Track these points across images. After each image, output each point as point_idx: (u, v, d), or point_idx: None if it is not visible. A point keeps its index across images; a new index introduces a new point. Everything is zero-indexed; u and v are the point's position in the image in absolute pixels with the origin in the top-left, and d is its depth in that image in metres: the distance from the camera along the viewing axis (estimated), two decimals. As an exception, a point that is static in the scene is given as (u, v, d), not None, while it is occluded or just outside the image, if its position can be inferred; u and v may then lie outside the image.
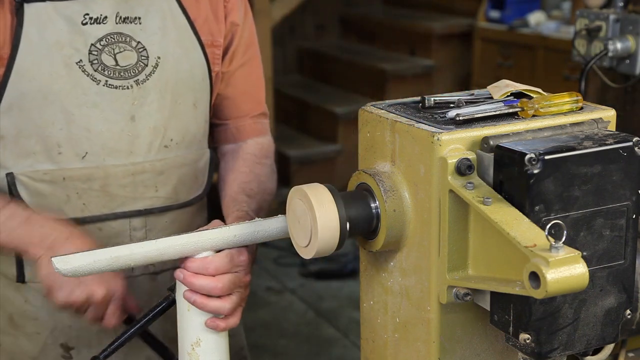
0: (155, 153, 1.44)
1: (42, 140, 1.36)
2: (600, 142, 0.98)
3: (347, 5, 6.22)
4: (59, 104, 1.35)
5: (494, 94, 1.14)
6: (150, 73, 1.41)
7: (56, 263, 1.16)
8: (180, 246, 1.19)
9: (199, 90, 1.49)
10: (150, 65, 1.41)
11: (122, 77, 1.39)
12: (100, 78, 1.37)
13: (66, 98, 1.35)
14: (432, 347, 1.08)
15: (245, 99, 1.61)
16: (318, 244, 1.08)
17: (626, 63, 1.98)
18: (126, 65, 1.39)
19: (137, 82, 1.40)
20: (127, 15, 1.39)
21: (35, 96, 1.34)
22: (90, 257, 1.17)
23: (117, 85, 1.38)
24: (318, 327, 3.88)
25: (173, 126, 1.45)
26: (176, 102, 1.45)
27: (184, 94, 1.46)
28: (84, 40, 1.36)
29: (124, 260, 1.18)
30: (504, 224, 0.92)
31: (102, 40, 1.37)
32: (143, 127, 1.41)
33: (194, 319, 1.22)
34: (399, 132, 1.08)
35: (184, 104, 1.46)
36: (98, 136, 1.38)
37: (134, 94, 1.39)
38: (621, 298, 1.02)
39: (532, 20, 4.59)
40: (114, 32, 1.38)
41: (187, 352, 1.24)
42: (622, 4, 2.01)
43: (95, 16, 1.37)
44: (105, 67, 1.37)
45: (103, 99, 1.37)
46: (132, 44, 1.40)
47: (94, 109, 1.37)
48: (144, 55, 1.40)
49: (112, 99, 1.38)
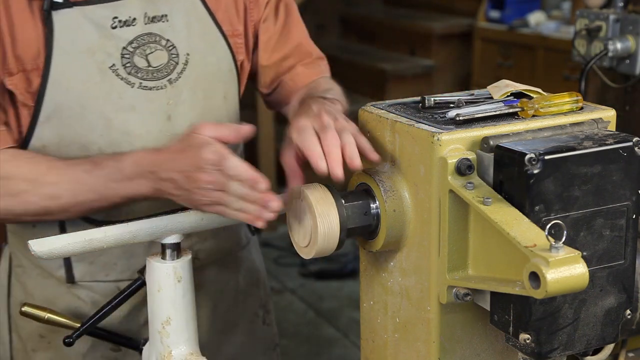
0: None
1: (84, 147, 1.35)
2: (600, 142, 0.98)
3: (347, 5, 6.22)
4: (97, 111, 1.34)
5: (494, 94, 1.14)
6: (181, 71, 1.40)
7: (32, 245, 1.18)
8: (151, 229, 1.23)
9: (227, 82, 1.48)
10: (180, 63, 1.40)
11: (155, 78, 1.38)
12: (134, 81, 1.36)
13: (103, 104, 1.34)
14: (432, 347, 1.08)
15: (293, 53, 1.59)
16: (318, 244, 1.08)
17: (626, 63, 1.98)
18: (158, 65, 1.38)
19: (170, 81, 1.39)
20: (155, 15, 1.38)
21: (72, 105, 1.33)
22: (65, 239, 1.20)
23: (151, 86, 1.37)
24: (318, 327, 3.88)
25: (207, 121, 1.45)
26: (207, 97, 1.45)
27: (214, 88, 1.46)
28: (115, 44, 1.35)
29: (97, 243, 1.21)
30: (504, 224, 0.92)
31: (133, 43, 1.36)
32: (179, 125, 1.41)
33: (165, 298, 1.25)
34: (399, 132, 1.08)
35: (215, 98, 1.46)
36: (138, 139, 1.37)
37: (168, 93, 1.39)
38: (621, 298, 1.02)
39: (532, 20, 4.59)
40: (144, 33, 1.37)
41: (157, 330, 1.27)
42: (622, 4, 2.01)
43: (124, 19, 1.36)
44: (138, 70, 1.36)
45: (139, 102, 1.37)
46: (162, 43, 1.39)
47: (131, 113, 1.36)
48: (174, 54, 1.40)
49: (148, 101, 1.38)
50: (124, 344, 1.41)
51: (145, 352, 1.36)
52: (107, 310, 1.32)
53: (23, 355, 1.52)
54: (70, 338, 1.31)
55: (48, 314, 1.36)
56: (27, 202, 1.29)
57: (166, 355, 1.27)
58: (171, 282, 1.25)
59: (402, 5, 6.08)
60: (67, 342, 1.31)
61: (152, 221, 1.23)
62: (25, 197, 1.29)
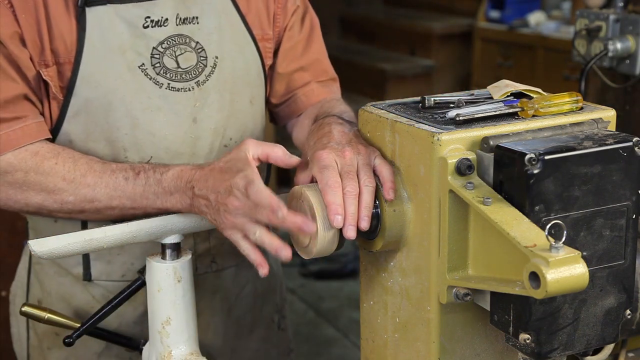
0: (216, 154, 1.44)
1: (109, 144, 1.36)
2: (600, 142, 0.98)
3: (347, 5, 6.22)
4: (124, 109, 1.35)
5: (494, 94, 1.14)
6: (209, 74, 1.40)
7: (32, 245, 1.19)
8: (151, 229, 1.23)
9: (255, 87, 1.48)
10: (209, 66, 1.40)
11: (184, 80, 1.38)
12: (163, 81, 1.36)
13: (131, 103, 1.35)
14: (432, 347, 1.08)
15: (311, 67, 1.60)
16: (318, 244, 1.08)
17: (626, 63, 1.98)
18: (187, 67, 1.38)
19: (197, 84, 1.39)
20: (186, 16, 1.39)
21: (101, 102, 1.34)
22: (65, 239, 1.20)
23: (179, 87, 1.38)
24: (318, 327, 3.88)
25: (232, 125, 1.45)
26: (234, 101, 1.44)
27: (241, 92, 1.45)
28: (145, 43, 1.35)
29: (97, 243, 1.21)
30: (504, 224, 0.92)
31: (163, 43, 1.36)
32: (204, 128, 1.41)
33: (165, 298, 1.25)
34: (399, 132, 1.08)
35: (241, 102, 1.46)
36: (162, 140, 1.38)
37: (195, 95, 1.39)
38: (621, 298, 1.02)
39: (532, 20, 4.58)
40: (175, 34, 1.37)
41: (157, 330, 1.27)
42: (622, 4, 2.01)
43: (156, 19, 1.36)
44: (167, 70, 1.37)
45: (166, 102, 1.37)
46: (192, 45, 1.39)
47: (157, 113, 1.37)
48: (202, 56, 1.40)
49: (175, 102, 1.38)
50: (124, 344, 1.41)
51: (145, 352, 1.36)
52: (107, 310, 1.32)
53: (39, 352, 1.53)
54: (70, 338, 1.31)
55: (48, 314, 1.36)
56: (63, 201, 1.30)
57: (166, 355, 1.27)
58: (171, 282, 1.25)
59: (402, 5, 6.08)
60: (67, 342, 1.31)
61: (152, 221, 1.23)
62: (63, 195, 1.30)
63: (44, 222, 1.45)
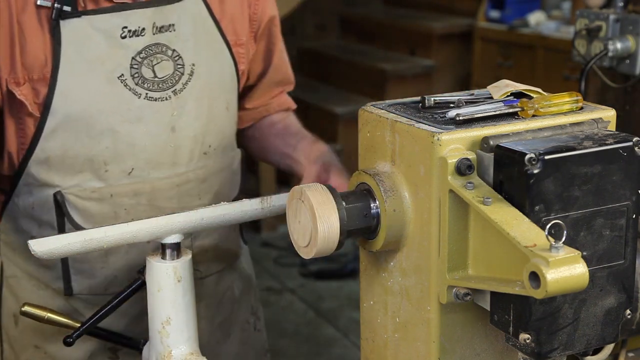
0: (197, 161, 1.44)
1: (89, 159, 1.35)
2: (600, 142, 0.98)
3: (347, 5, 6.22)
4: (104, 123, 1.33)
5: (494, 94, 1.14)
6: (186, 81, 1.40)
7: (32, 245, 1.19)
8: (151, 229, 1.23)
9: (230, 92, 1.49)
10: (186, 74, 1.40)
11: (161, 89, 1.37)
12: (141, 91, 1.35)
13: (111, 115, 1.34)
14: (432, 347, 1.08)
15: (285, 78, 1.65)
16: (318, 244, 1.08)
17: (626, 63, 1.98)
18: (164, 76, 1.37)
19: (174, 92, 1.39)
20: (163, 24, 1.37)
21: (80, 117, 1.32)
22: (65, 239, 1.20)
23: (157, 97, 1.37)
24: (318, 327, 3.88)
25: (210, 132, 1.45)
26: (212, 107, 1.44)
27: (217, 98, 1.45)
28: (124, 54, 1.34)
29: (97, 243, 1.21)
30: (504, 224, 0.92)
31: (141, 53, 1.35)
32: (184, 137, 1.41)
33: (165, 298, 1.25)
34: (399, 132, 1.08)
35: (218, 108, 1.46)
36: (143, 151, 1.37)
37: (172, 104, 1.38)
38: (621, 298, 1.02)
39: (532, 20, 4.59)
40: (152, 44, 1.36)
41: (157, 330, 1.27)
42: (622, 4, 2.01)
43: (133, 29, 1.34)
44: (145, 80, 1.36)
45: (145, 113, 1.36)
46: (168, 53, 1.38)
47: (137, 124, 1.36)
48: (179, 64, 1.39)
49: (153, 112, 1.37)
50: (124, 344, 1.41)
51: (145, 352, 1.36)
52: (107, 310, 1.32)
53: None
54: (70, 338, 1.31)
55: (48, 314, 1.36)
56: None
57: (166, 355, 1.27)
58: (171, 282, 1.25)
59: (402, 5, 6.08)
60: (67, 342, 1.31)
61: (152, 221, 1.24)
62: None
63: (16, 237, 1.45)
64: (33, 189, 1.39)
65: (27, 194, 1.40)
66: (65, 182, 1.37)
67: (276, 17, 1.57)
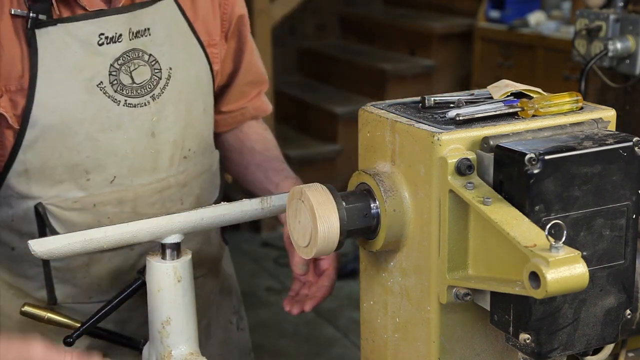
0: (177, 166, 1.43)
1: (69, 169, 1.34)
2: (600, 142, 0.98)
3: (347, 5, 6.22)
4: (84, 132, 1.32)
5: (494, 94, 1.14)
6: (164, 86, 1.39)
7: (32, 245, 1.18)
8: (151, 229, 1.23)
9: (206, 94, 1.48)
10: (163, 78, 1.39)
11: (139, 95, 1.36)
12: (120, 98, 1.35)
13: (91, 124, 1.32)
14: (432, 347, 1.08)
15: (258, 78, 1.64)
16: (318, 244, 1.08)
17: (626, 63, 1.98)
18: (141, 81, 1.37)
19: (153, 98, 1.38)
20: (138, 29, 1.36)
21: (59, 127, 1.31)
22: (65, 239, 1.20)
23: (136, 103, 1.36)
24: (318, 327, 3.88)
25: (189, 136, 1.44)
26: (189, 111, 1.44)
27: (194, 101, 1.45)
28: (102, 61, 1.33)
29: (97, 243, 1.21)
30: (504, 224, 0.92)
31: (119, 60, 1.34)
32: (163, 141, 1.40)
33: (165, 298, 1.25)
34: (399, 132, 1.08)
35: (196, 111, 1.45)
36: (124, 158, 1.36)
37: (151, 110, 1.38)
38: (621, 298, 1.02)
39: (532, 20, 4.59)
40: (129, 49, 1.35)
41: (157, 330, 1.27)
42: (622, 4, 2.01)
43: (110, 35, 1.33)
44: (124, 87, 1.35)
45: (124, 120, 1.35)
46: (145, 58, 1.37)
47: (117, 131, 1.35)
48: (156, 68, 1.38)
49: (133, 119, 1.36)
50: (124, 344, 1.41)
51: (145, 352, 1.36)
52: (107, 311, 1.32)
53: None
54: (70, 338, 1.31)
55: (48, 314, 1.36)
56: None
57: (166, 355, 1.27)
58: (171, 282, 1.25)
59: (402, 5, 6.08)
60: (67, 342, 1.31)
61: (152, 221, 1.24)
62: None
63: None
64: (12, 201, 1.38)
65: (7, 206, 1.39)
66: (45, 193, 1.36)
67: (245, 16, 1.56)
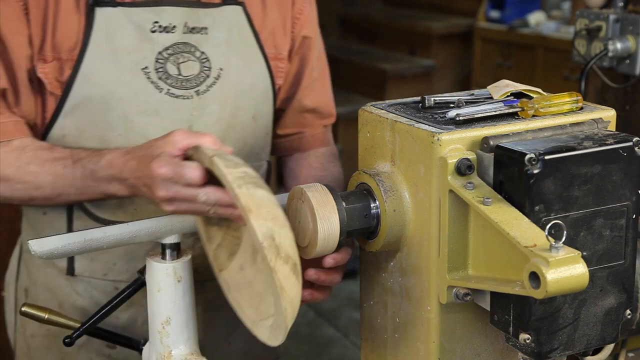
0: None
1: (102, 143, 1.37)
2: (600, 142, 0.98)
3: (347, 5, 6.21)
4: (120, 110, 1.35)
5: (494, 94, 1.14)
6: (211, 84, 1.41)
7: (32, 245, 1.19)
8: (151, 229, 1.23)
9: (260, 103, 1.49)
10: (212, 77, 1.41)
11: (184, 87, 1.39)
12: (163, 86, 1.37)
13: (128, 105, 1.35)
14: (432, 347, 1.08)
15: (323, 110, 1.63)
16: (318, 244, 1.08)
17: (626, 63, 1.98)
18: (188, 75, 1.39)
19: (197, 93, 1.40)
20: (195, 25, 1.39)
21: (98, 100, 1.35)
22: (65, 239, 1.20)
23: (178, 94, 1.38)
24: (318, 327, 3.88)
25: (230, 138, 1.45)
26: (235, 115, 1.45)
27: (243, 107, 1.46)
28: (151, 47, 1.36)
29: (97, 242, 1.21)
30: (504, 224, 0.92)
31: (168, 49, 1.37)
32: None
33: (165, 298, 1.25)
34: (399, 132, 1.08)
35: (243, 116, 1.46)
36: None
37: (193, 104, 1.40)
38: (621, 298, 1.02)
39: (532, 20, 4.58)
40: (180, 42, 1.38)
41: (157, 330, 1.27)
42: (622, 4, 2.01)
43: (164, 24, 1.37)
44: (169, 76, 1.37)
45: (163, 108, 1.38)
46: (196, 54, 1.40)
47: (154, 117, 1.37)
48: (206, 66, 1.40)
49: (172, 108, 1.38)
50: (124, 344, 1.41)
51: (145, 352, 1.36)
52: (107, 310, 1.32)
53: (23, 338, 1.55)
54: (70, 338, 1.31)
55: (48, 314, 1.36)
56: (13, 188, 1.32)
57: (166, 355, 1.27)
58: (171, 282, 1.25)
59: (402, 5, 6.08)
60: (67, 342, 1.31)
61: (152, 221, 1.24)
62: (11, 183, 1.32)
63: (33, 213, 1.48)
64: None
65: None
66: None
67: (312, 39, 1.57)
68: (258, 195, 1.00)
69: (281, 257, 0.98)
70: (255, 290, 1.18)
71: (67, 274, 1.47)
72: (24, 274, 1.55)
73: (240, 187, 1.00)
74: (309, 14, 1.56)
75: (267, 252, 0.97)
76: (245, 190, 1.00)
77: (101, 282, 1.46)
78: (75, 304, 1.48)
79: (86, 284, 1.47)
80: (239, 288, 1.21)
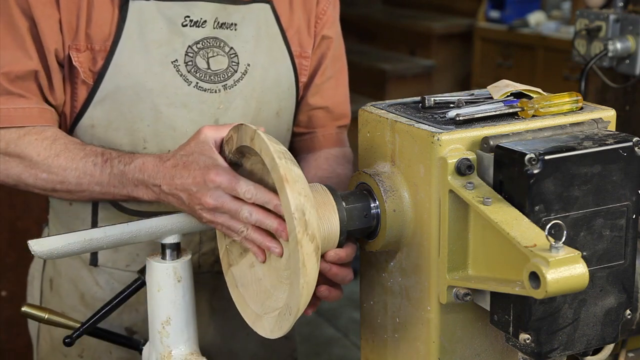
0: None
1: (130, 133, 1.39)
2: (600, 142, 0.98)
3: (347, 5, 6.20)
4: (149, 101, 1.38)
5: (494, 94, 1.14)
6: (238, 79, 1.43)
7: (32, 245, 1.19)
8: (151, 229, 1.24)
9: (284, 99, 1.51)
10: (239, 72, 1.43)
11: (212, 81, 1.41)
12: (192, 80, 1.40)
13: (157, 96, 1.38)
14: (432, 347, 1.08)
15: (335, 110, 1.64)
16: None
17: (626, 63, 1.98)
18: (217, 69, 1.41)
19: (225, 87, 1.42)
20: (225, 21, 1.42)
21: (128, 91, 1.37)
22: (65, 239, 1.20)
23: (206, 88, 1.41)
24: (318, 327, 3.88)
25: None
26: (260, 110, 1.47)
27: (268, 102, 1.48)
28: (182, 41, 1.39)
29: (97, 242, 1.22)
30: (504, 224, 0.92)
31: (198, 43, 1.40)
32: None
33: (165, 298, 1.26)
34: (399, 132, 1.08)
35: (267, 112, 1.48)
36: (183, 136, 1.39)
37: (220, 98, 1.42)
38: (621, 298, 1.02)
39: (532, 20, 4.58)
40: (210, 37, 1.41)
41: (157, 330, 1.27)
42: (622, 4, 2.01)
43: (195, 19, 1.40)
44: (198, 70, 1.40)
45: (191, 100, 1.40)
46: (225, 49, 1.42)
47: (182, 109, 1.40)
48: (234, 62, 1.43)
49: (200, 101, 1.41)
50: (124, 344, 1.41)
51: (145, 352, 1.36)
52: (107, 311, 1.32)
53: (46, 328, 1.56)
54: (70, 338, 1.31)
55: (48, 314, 1.36)
56: (37, 177, 1.34)
57: (166, 355, 1.27)
58: (171, 282, 1.25)
59: (402, 5, 6.08)
60: (67, 342, 1.31)
61: (152, 221, 1.24)
62: (37, 171, 1.33)
63: (59, 204, 1.50)
64: None
65: None
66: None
67: (331, 40, 1.58)
68: (295, 171, 1.03)
69: (308, 233, 0.99)
70: (263, 287, 1.18)
71: (90, 264, 1.49)
72: (49, 264, 1.57)
73: (281, 159, 1.02)
74: (332, 15, 1.57)
75: (297, 224, 0.98)
76: (285, 163, 1.02)
77: (123, 273, 1.48)
78: (96, 295, 1.50)
79: (108, 275, 1.49)
80: (247, 284, 1.22)
